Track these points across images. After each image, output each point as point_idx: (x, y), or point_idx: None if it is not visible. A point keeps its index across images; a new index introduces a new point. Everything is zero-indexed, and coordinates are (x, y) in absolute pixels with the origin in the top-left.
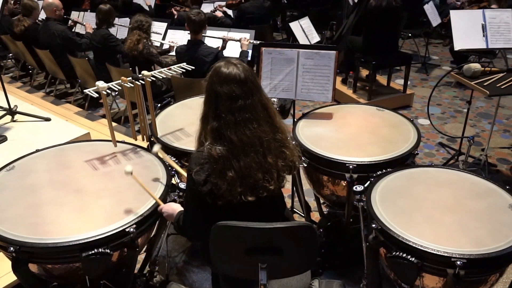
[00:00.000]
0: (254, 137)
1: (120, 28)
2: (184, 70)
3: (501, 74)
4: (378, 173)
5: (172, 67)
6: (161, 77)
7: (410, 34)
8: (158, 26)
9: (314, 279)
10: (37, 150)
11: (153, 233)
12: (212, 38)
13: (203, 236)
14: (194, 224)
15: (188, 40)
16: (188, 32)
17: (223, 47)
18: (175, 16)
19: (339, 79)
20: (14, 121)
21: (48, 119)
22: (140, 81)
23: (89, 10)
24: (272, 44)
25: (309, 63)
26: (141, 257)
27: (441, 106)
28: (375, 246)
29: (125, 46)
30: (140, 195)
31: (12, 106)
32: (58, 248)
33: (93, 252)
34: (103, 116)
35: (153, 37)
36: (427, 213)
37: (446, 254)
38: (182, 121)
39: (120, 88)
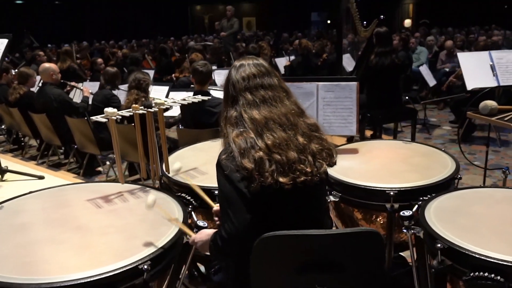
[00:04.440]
0: (279, 113)
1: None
2: (199, 100)
3: None
4: (422, 198)
5: (185, 97)
6: (173, 106)
7: (407, 97)
8: (160, 90)
9: None
10: (30, 192)
11: (165, 285)
12: (218, 91)
13: (248, 244)
14: (238, 229)
15: (194, 92)
16: (193, 85)
17: None
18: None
19: (344, 139)
20: (4, 180)
21: (41, 177)
22: (152, 108)
23: (88, 80)
24: (289, 79)
25: (330, 96)
26: None
27: None
28: (443, 271)
29: (122, 107)
30: (154, 229)
31: (3, 166)
32: None
33: None
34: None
35: (153, 94)
36: (495, 228)
37: None
38: (194, 162)
39: (131, 114)
